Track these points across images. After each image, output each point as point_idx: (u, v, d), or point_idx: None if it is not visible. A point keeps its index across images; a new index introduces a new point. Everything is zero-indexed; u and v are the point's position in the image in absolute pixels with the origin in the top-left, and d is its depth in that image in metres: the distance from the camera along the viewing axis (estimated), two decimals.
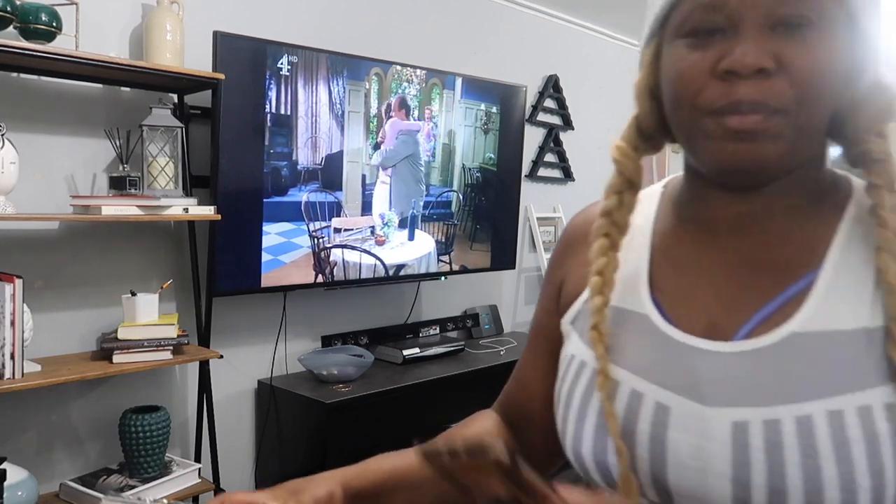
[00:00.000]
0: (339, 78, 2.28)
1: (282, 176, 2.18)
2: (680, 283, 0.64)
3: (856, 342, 0.54)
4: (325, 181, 2.29)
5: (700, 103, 0.57)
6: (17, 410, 1.85)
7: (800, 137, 0.56)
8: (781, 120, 0.55)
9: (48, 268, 1.90)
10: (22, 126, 1.83)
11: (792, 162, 0.58)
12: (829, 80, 0.55)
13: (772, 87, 0.54)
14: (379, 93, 2.39)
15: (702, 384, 0.58)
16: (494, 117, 2.80)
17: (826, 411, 0.53)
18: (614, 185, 0.68)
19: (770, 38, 0.54)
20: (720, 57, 0.55)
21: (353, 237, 2.39)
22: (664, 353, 0.61)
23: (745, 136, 0.55)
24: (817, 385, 0.54)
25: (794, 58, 0.54)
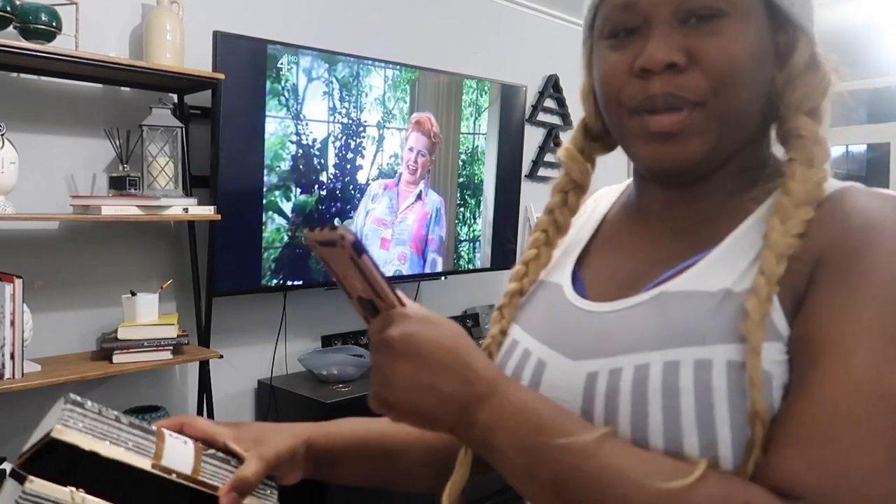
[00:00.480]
0: (338, 77, 2.28)
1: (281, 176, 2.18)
2: (606, 260, 0.67)
3: (713, 302, 0.55)
4: (325, 183, 2.29)
5: (623, 102, 0.59)
6: (17, 410, 1.85)
7: (724, 128, 0.57)
8: (700, 114, 0.56)
9: (48, 268, 1.90)
10: (22, 126, 1.83)
11: (722, 153, 0.59)
12: (745, 68, 0.56)
13: (684, 80, 0.55)
14: (381, 93, 2.39)
15: (575, 340, 0.61)
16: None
17: (663, 361, 0.53)
18: (560, 185, 0.72)
19: (682, 32, 0.56)
20: (636, 55, 0.57)
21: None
22: (559, 316, 0.65)
23: (667, 137, 0.57)
24: (663, 338, 0.55)
25: (705, 50, 0.55)
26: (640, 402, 0.53)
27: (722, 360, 0.52)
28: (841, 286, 0.51)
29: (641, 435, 0.53)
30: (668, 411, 0.52)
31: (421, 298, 2.82)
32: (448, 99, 2.63)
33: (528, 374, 0.62)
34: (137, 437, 0.56)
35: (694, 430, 0.51)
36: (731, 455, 0.50)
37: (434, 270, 2.68)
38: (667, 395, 0.52)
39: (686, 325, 0.54)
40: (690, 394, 0.51)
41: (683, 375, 0.52)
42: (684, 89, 0.56)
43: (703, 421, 0.51)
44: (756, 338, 0.51)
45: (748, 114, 0.58)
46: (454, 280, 2.92)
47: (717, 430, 0.50)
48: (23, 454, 0.54)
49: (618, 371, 0.56)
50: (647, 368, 0.54)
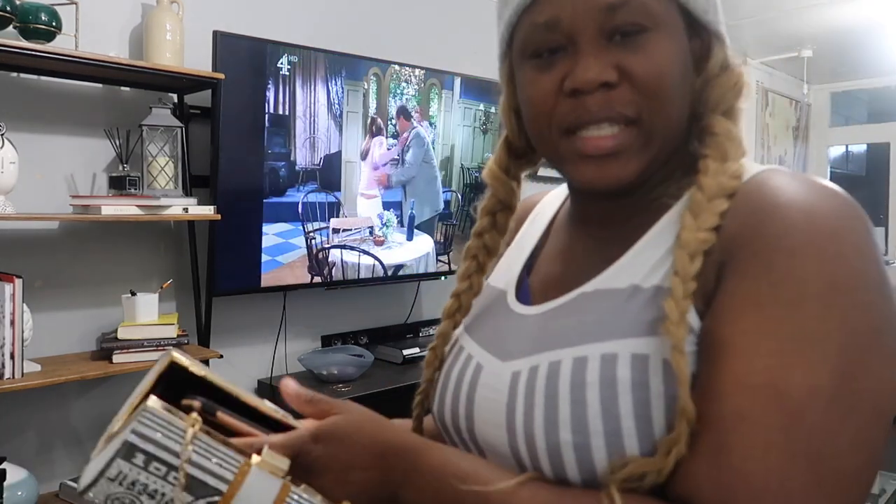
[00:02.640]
0: (337, 78, 2.28)
1: (280, 176, 2.18)
2: (550, 267, 0.68)
3: (622, 298, 0.56)
4: (322, 181, 2.29)
5: (554, 123, 0.58)
6: (17, 410, 1.85)
7: (659, 141, 0.57)
8: (635, 130, 0.56)
9: (48, 268, 1.90)
10: (22, 126, 1.83)
11: (657, 164, 0.59)
12: (672, 80, 0.57)
13: (618, 96, 0.56)
14: (378, 93, 2.39)
15: (505, 342, 0.63)
16: (493, 117, 2.80)
17: (573, 357, 0.55)
18: (487, 207, 0.72)
19: (609, 49, 0.56)
20: (565, 75, 0.57)
21: (352, 237, 2.39)
22: (497, 320, 0.66)
23: (604, 157, 0.57)
24: (574, 335, 0.56)
25: (634, 66, 0.55)
26: (552, 396, 0.55)
27: (626, 353, 0.53)
28: (744, 279, 0.51)
29: (552, 428, 0.54)
30: (576, 405, 0.53)
31: (421, 298, 2.83)
32: (447, 99, 2.62)
33: (468, 377, 0.64)
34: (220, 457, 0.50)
35: (599, 421, 0.52)
36: (637, 445, 0.51)
37: (428, 265, 2.68)
38: (574, 388, 0.54)
39: (596, 323, 0.56)
40: (596, 387, 0.53)
41: (590, 369, 0.54)
42: (619, 105, 0.56)
43: (608, 413, 0.52)
44: (677, 336, 0.50)
45: (678, 123, 0.59)
46: (454, 280, 2.92)
47: (622, 422, 0.51)
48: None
49: (535, 369, 0.57)
50: (558, 365, 0.56)
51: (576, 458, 0.53)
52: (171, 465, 0.46)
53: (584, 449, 0.52)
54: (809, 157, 5.27)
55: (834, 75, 4.89)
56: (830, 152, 5.48)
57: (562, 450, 0.53)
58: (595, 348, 0.54)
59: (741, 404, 0.48)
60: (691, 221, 0.54)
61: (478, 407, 0.62)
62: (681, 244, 0.53)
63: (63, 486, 1.82)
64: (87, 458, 0.50)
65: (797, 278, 0.49)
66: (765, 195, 0.53)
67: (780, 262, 0.49)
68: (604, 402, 0.52)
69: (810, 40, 4.10)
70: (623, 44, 0.55)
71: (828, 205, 0.51)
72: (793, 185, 0.53)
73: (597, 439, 0.52)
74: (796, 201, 0.51)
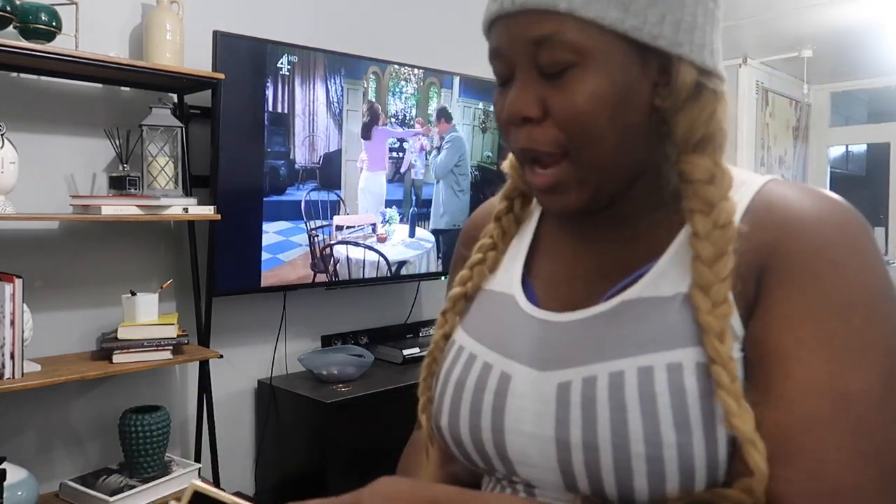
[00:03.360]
0: (336, 77, 2.28)
1: (280, 175, 2.18)
2: (554, 268, 0.67)
3: (673, 306, 0.56)
4: (323, 180, 2.29)
5: (511, 148, 0.62)
6: (17, 410, 1.85)
7: (598, 174, 0.57)
8: (569, 165, 0.57)
9: (48, 268, 1.90)
10: (22, 126, 1.83)
11: (611, 191, 0.59)
12: (596, 117, 0.55)
13: (541, 133, 0.56)
14: (377, 91, 2.39)
15: (540, 352, 0.61)
16: (492, 116, 2.79)
17: (637, 367, 0.54)
18: (506, 192, 0.73)
19: (539, 83, 0.56)
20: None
21: (355, 234, 2.39)
22: (518, 327, 0.64)
23: (547, 191, 0.59)
24: (633, 344, 0.56)
25: (555, 103, 0.55)
26: (619, 408, 0.54)
27: (690, 362, 0.54)
28: (792, 291, 0.53)
29: (622, 441, 0.53)
30: (647, 417, 0.53)
31: (421, 298, 2.83)
32: (446, 97, 2.62)
33: (493, 386, 0.62)
34: None
35: (672, 431, 0.52)
36: (704, 454, 0.52)
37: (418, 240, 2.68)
38: (644, 400, 0.53)
39: (652, 332, 0.56)
40: (666, 396, 0.53)
41: (658, 380, 0.54)
42: (539, 143, 0.57)
43: (680, 422, 0.52)
44: (742, 423, 0.51)
45: (621, 155, 0.58)
46: None
47: (693, 431, 0.52)
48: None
49: (592, 379, 0.56)
50: (621, 376, 0.55)
51: (647, 470, 0.53)
52: None
53: (657, 461, 0.52)
54: (809, 157, 5.27)
55: (834, 75, 4.89)
56: (830, 152, 5.48)
57: (632, 462, 0.53)
58: (659, 358, 0.54)
59: (809, 410, 0.51)
60: (705, 303, 0.54)
61: (509, 419, 0.60)
62: (705, 329, 0.54)
63: (63, 486, 1.82)
64: (87, 458, 0.50)
65: (842, 289, 0.53)
66: (790, 209, 0.56)
67: (824, 274, 0.53)
68: (675, 412, 0.53)
69: (810, 40, 4.09)
70: (550, 80, 0.55)
71: (852, 219, 0.56)
72: (809, 198, 0.57)
73: (669, 451, 0.52)
74: (825, 216, 0.55)
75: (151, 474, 1.87)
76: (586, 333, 0.59)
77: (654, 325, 0.56)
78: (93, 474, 1.88)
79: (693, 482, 0.52)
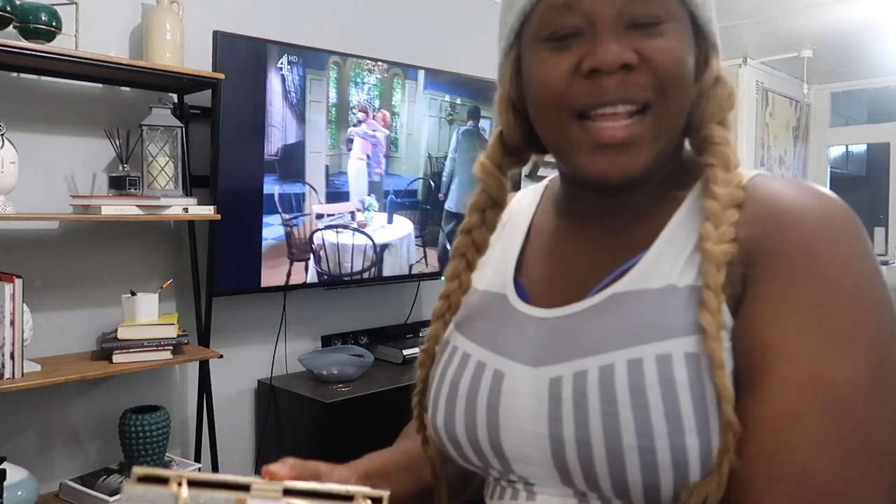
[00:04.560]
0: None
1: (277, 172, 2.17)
2: (545, 267, 0.68)
3: (662, 298, 0.57)
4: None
5: (566, 104, 0.58)
6: (17, 410, 1.85)
7: (668, 131, 0.59)
8: (647, 119, 0.57)
9: (48, 268, 1.90)
10: (22, 126, 1.83)
11: (658, 163, 0.60)
12: (687, 70, 0.59)
13: (636, 79, 0.56)
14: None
15: (532, 348, 0.61)
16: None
17: (626, 360, 0.55)
18: (477, 203, 0.70)
19: (627, 35, 0.57)
20: (582, 57, 0.57)
21: (335, 222, 2.38)
22: (510, 325, 0.64)
23: (617, 148, 0.57)
24: (622, 337, 0.56)
25: (653, 52, 0.56)
26: (610, 401, 0.54)
27: (680, 353, 0.54)
28: (776, 284, 0.53)
29: (614, 434, 0.53)
30: (638, 409, 0.53)
31: (421, 298, 2.83)
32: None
33: (486, 385, 0.62)
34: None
35: (663, 422, 0.52)
36: (697, 442, 0.52)
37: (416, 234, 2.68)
38: (634, 392, 0.53)
39: (641, 323, 0.56)
40: (656, 388, 0.53)
41: (647, 371, 0.54)
42: (636, 88, 0.56)
43: (671, 413, 0.52)
44: (717, 351, 0.52)
45: (683, 116, 0.61)
46: None
47: (684, 421, 0.52)
48: None
49: (583, 374, 0.56)
50: (611, 368, 0.55)
51: (640, 461, 0.53)
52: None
53: (649, 452, 0.52)
54: (809, 157, 5.27)
55: (834, 75, 4.89)
56: (830, 152, 5.48)
57: (625, 455, 0.53)
58: (648, 349, 0.54)
59: (792, 403, 0.50)
60: (713, 232, 0.55)
61: (504, 417, 0.60)
62: (707, 256, 0.55)
63: (63, 485, 1.82)
64: (87, 458, 0.51)
65: (826, 281, 0.52)
66: (775, 202, 0.56)
67: (808, 266, 0.53)
68: (666, 403, 0.53)
69: (810, 40, 4.09)
70: (640, 32, 0.57)
71: (838, 211, 0.56)
72: (795, 191, 0.57)
73: (661, 441, 0.52)
74: (809, 208, 0.55)
75: None
76: (576, 328, 0.59)
77: (644, 317, 0.56)
78: (93, 474, 1.88)
79: (687, 473, 0.52)
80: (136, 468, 0.48)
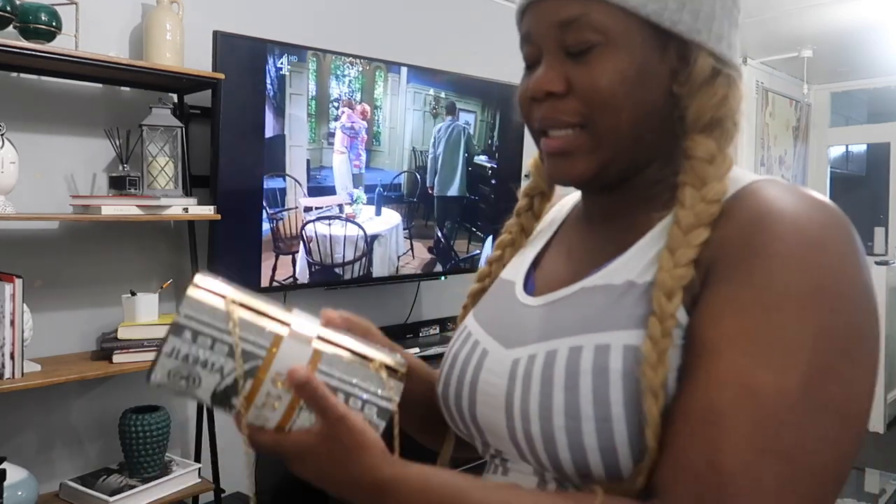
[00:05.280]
0: (336, 76, 2.27)
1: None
2: (556, 261, 0.73)
3: (617, 293, 0.60)
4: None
5: (529, 124, 0.67)
6: (17, 410, 1.85)
7: (611, 146, 0.61)
8: (585, 134, 0.61)
9: (48, 268, 1.90)
10: (22, 126, 1.83)
11: (618, 166, 0.63)
12: (616, 93, 0.59)
13: (564, 106, 0.61)
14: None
15: (509, 331, 0.67)
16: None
17: (569, 347, 0.59)
18: (527, 190, 0.80)
19: (565, 62, 0.61)
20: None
21: (324, 214, 2.37)
22: (507, 309, 0.70)
23: (558, 156, 0.63)
24: (573, 326, 0.60)
25: (578, 79, 0.60)
26: (547, 383, 0.58)
27: (619, 344, 0.56)
28: (729, 285, 0.54)
29: (547, 413, 0.57)
30: (569, 391, 0.56)
31: (421, 298, 2.83)
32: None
33: (474, 361, 0.67)
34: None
35: (591, 407, 0.55)
36: (626, 430, 0.54)
37: (432, 270, 2.68)
38: (569, 376, 0.57)
39: (592, 315, 0.59)
40: (589, 375, 0.56)
41: (584, 359, 0.57)
42: (561, 113, 0.61)
43: (599, 399, 0.55)
44: (652, 379, 0.53)
45: (635, 132, 0.61)
46: (454, 280, 2.92)
47: (612, 408, 0.55)
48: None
49: (533, 357, 0.61)
50: (554, 354, 0.59)
51: (568, 442, 0.56)
52: (216, 337, 0.54)
53: (576, 433, 0.55)
54: (809, 157, 5.27)
55: (834, 75, 4.89)
56: (830, 152, 5.48)
57: (555, 434, 0.57)
58: (590, 339, 0.58)
59: (712, 399, 0.51)
60: (668, 261, 0.56)
61: (480, 391, 0.65)
62: (658, 284, 0.56)
63: (63, 485, 1.82)
64: (87, 458, 0.52)
65: (778, 284, 0.52)
66: (756, 205, 0.56)
67: (762, 268, 0.53)
68: (595, 389, 0.55)
69: (810, 40, 4.10)
70: (575, 58, 0.60)
71: (815, 215, 0.54)
72: (783, 196, 0.56)
73: (588, 424, 0.55)
74: (785, 212, 0.54)
75: (151, 474, 1.87)
76: (544, 316, 0.64)
77: (597, 309, 0.60)
78: (93, 474, 1.88)
79: (617, 459, 0.55)
80: (199, 275, 0.57)
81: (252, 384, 0.54)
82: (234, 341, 0.54)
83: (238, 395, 0.55)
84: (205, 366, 0.54)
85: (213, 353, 0.54)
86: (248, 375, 0.54)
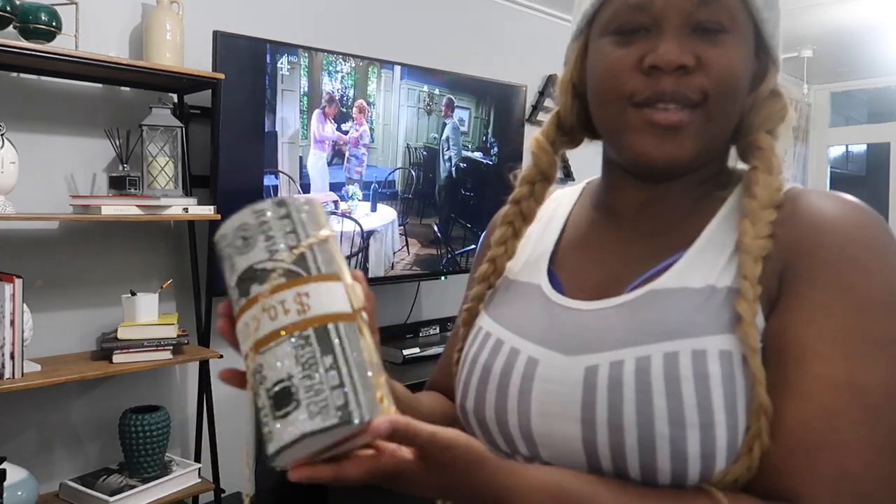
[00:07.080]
0: (337, 76, 2.27)
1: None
2: (580, 259, 0.71)
3: (701, 297, 0.59)
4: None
5: (625, 95, 0.62)
6: (17, 410, 1.85)
7: (714, 132, 0.62)
8: (698, 112, 0.61)
9: (48, 268, 1.90)
10: (22, 126, 1.82)
11: (704, 157, 0.64)
12: (739, 80, 0.62)
13: (691, 81, 0.60)
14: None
15: (568, 337, 0.64)
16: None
17: (663, 353, 0.57)
18: (528, 176, 0.76)
19: (689, 39, 0.60)
20: (644, 53, 0.61)
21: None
22: (544, 314, 0.67)
23: (667, 132, 0.61)
24: (660, 331, 0.58)
25: (710, 57, 0.60)
26: (645, 389, 0.56)
27: (714, 349, 0.56)
28: (813, 287, 0.56)
29: (647, 420, 0.56)
30: (672, 398, 0.55)
31: (421, 298, 2.83)
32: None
33: (519, 371, 0.64)
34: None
35: (695, 413, 0.55)
36: (726, 435, 0.55)
37: (432, 271, 2.68)
38: (669, 382, 0.56)
39: (679, 320, 0.58)
40: (690, 381, 0.55)
41: (683, 364, 0.56)
42: (689, 89, 0.60)
43: (703, 406, 0.55)
44: (752, 337, 0.55)
45: (732, 122, 0.64)
46: (454, 280, 2.92)
47: (715, 415, 0.55)
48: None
49: (619, 363, 0.58)
50: (647, 360, 0.57)
51: (670, 450, 0.55)
52: (298, 232, 0.54)
53: (680, 441, 0.55)
54: (809, 157, 5.27)
55: (834, 75, 4.89)
56: (830, 152, 5.48)
57: (656, 443, 0.55)
58: (685, 344, 0.57)
59: (829, 404, 0.53)
60: (750, 228, 0.59)
61: (536, 401, 0.62)
62: (745, 249, 0.58)
63: (63, 486, 1.82)
64: (87, 458, 0.51)
65: (863, 287, 0.56)
66: (813, 209, 0.60)
67: (846, 273, 0.56)
68: (698, 395, 0.55)
69: (810, 40, 4.10)
70: (702, 37, 0.60)
71: (872, 221, 0.59)
72: (831, 200, 0.60)
73: (692, 431, 0.54)
74: (846, 217, 0.59)
75: (151, 474, 1.87)
76: (613, 321, 0.62)
77: (682, 314, 0.59)
78: (93, 474, 1.88)
79: (714, 464, 0.55)
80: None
81: (281, 283, 0.53)
82: (307, 243, 0.54)
83: (262, 284, 0.54)
84: (268, 239, 0.54)
85: (283, 237, 0.54)
86: (286, 275, 0.53)
